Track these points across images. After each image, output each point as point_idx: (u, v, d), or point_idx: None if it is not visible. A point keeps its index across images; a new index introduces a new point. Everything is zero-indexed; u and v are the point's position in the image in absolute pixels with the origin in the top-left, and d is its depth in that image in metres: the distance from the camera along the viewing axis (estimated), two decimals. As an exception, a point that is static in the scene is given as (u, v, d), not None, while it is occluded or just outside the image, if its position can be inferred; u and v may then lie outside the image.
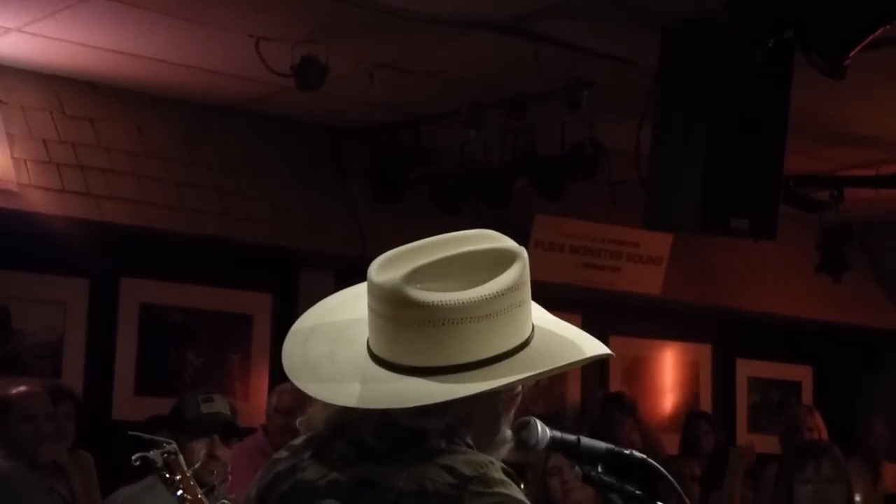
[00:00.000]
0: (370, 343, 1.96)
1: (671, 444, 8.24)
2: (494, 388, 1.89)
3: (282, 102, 7.12)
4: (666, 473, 2.01)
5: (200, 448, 4.21)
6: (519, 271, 1.93)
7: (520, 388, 2.02)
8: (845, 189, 8.23)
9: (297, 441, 2.04)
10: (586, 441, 2.05)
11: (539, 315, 2.04)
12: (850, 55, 4.77)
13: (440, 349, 1.88)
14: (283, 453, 2.05)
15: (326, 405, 1.96)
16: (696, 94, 5.70)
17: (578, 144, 6.80)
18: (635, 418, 8.00)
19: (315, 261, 7.67)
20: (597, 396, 8.49)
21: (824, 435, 7.27)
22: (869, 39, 4.73)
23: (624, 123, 6.06)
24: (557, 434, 2.03)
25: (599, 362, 9.13)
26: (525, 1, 5.36)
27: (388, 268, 1.92)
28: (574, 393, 9.02)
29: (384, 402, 1.88)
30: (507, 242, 1.97)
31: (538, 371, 1.92)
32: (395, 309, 1.89)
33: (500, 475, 1.86)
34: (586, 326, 7.90)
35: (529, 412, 2.09)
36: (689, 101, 5.75)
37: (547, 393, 8.86)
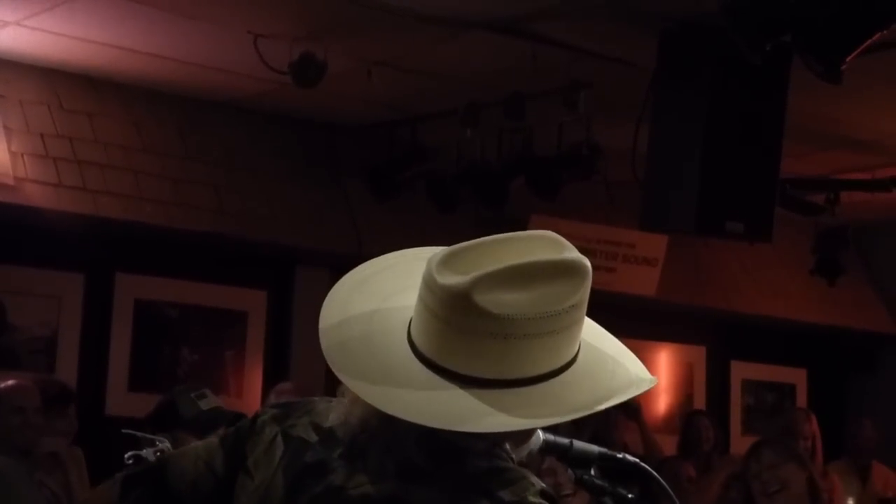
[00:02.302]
0: (416, 338, 1.85)
1: (666, 446, 8.25)
2: (565, 419, 1.82)
3: (279, 99, 7.12)
4: (658, 477, 2.00)
5: None
6: (583, 289, 1.86)
7: None
8: (841, 192, 8.25)
9: (327, 424, 1.92)
10: (579, 444, 2.05)
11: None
12: (847, 59, 4.77)
13: (497, 361, 1.80)
14: (311, 435, 1.93)
15: (358, 402, 1.84)
16: (693, 96, 5.71)
17: (575, 145, 6.80)
18: (639, 422, 7.99)
19: (311, 258, 7.67)
20: None
21: (819, 442, 7.20)
22: (866, 44, 4.74)
23: (621, 125, 6.07)
24: (550, 437, 2.02)
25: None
26: (523, 1, 5.37)
27: (451, 268, 1.81)
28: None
29: (445, 423, 1.78)
30: (573, 253, 1.88)
31: (608, 404, 1.86)
32: (457, 314, 1.79)
33: (540, 500, 1.78)
34: (581, 327, 7.66)
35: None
36: (685, 103, 5.76)
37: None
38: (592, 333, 1.98)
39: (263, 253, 7.63)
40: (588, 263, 1.88)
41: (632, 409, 7.97)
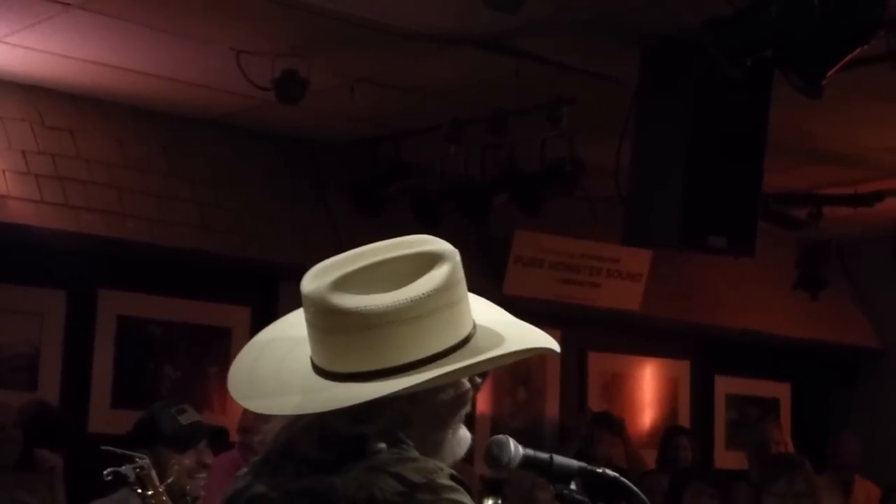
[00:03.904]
0: (312, 354, 1.98)
1: (651, 460, 8.26)
2: (418, 385, 1.87)
3: (262, 116, 7.12)
4: (637, 491, 2.01)
5: (190, 458, 4.20)
6: (447, 272, 1.92)
7: (466, 389, 2.01)
8: (823, 207, 8.27)
9: (257, 459, 2.05)
10: (559, 459, 2.06)
11: (496, 317, 2.05)
12: (828, 74, 4.80)
13: (372, 354, 1.89)
14: (243, 471, 2.07)
15: (280, 422, 1.98)
16: (676, 111, 5.73)
17: (558, 160, 6.82)
18: (623, 437, 8.00)
19: (294, 274, 7.54)
20: (585, 417, 8.48)
21: (790, 449, 7.30)
22: (846, 59, 4.76)
23: (604, 140, 6.08)
24: (530, 452, 2.04)
25: (578, 379, 9.18)
26: (506, 18, 5.38)
27: (318, 277, 1.93)
28: (552, 409, 9.02)
29: (310, 408, 1.90)
30: (438, 245, 1.96)
31: (457, 366, 1.90)
32: (324, 317, 1.91)
33: (449, 481, 1.86)
34: (565, 342, 7.96)
35: (507, 427, 2.09)
36: (668, 118, 5.78)
37: (525, 408, 8.86)
38: (503, 322, 2.04)
39: (247, 269, 7.62)
40: (454, 251, 1.96)
41: (616, 424, 7.99)
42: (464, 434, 2.03)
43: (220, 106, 7.09)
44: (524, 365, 8.71)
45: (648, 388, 9.57)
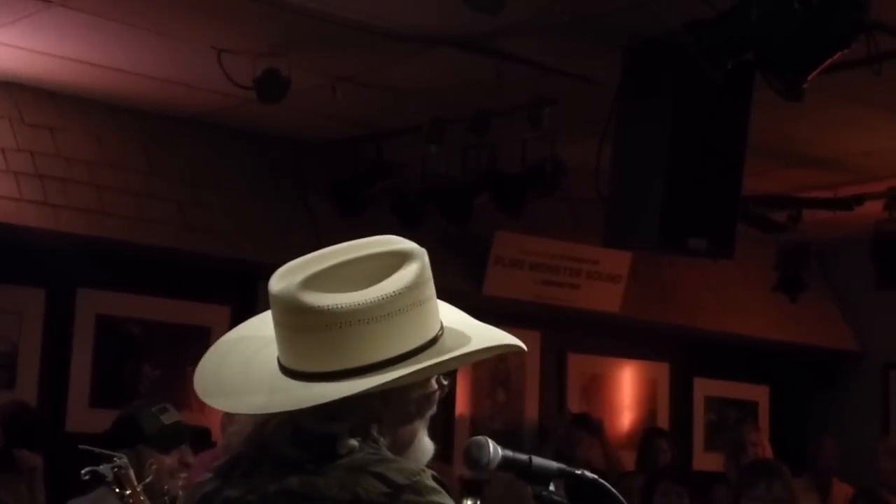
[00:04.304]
0: (279, 355, 1.97)
1: (628, 462, 8.27)
2: (390, 383, 1.88)
3: (243, 114, 7.10)
4: (616, 493, 2.01)
5: (173, 458, 4.19)
6: (416, 270, 1.93)
7: (433, 390, 2.02)
8: (803, 210, 8.30)
9: (222, 462, 2.02)
10: (538, 461, 2.06)
11: (460, 319, 2.05)
12: (809, 78, 4.81)
13: (341, 353, 1.89)
14: (207, 475, 2.03)
15: (250, 423, 1.97)
16: (657, 113, 5.73)
17: (539, 162, 6.82)
18: (601, 439, 8.02)
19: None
20: (563, 418, 8.49)
21: (768, 451, 7.33)
22: (827, 63, 4.77)
23: (585, 141, 6.09)
24: (509, 453, 2.04)
25: (558, 380, 9.18)
26: (488, 19, 5.38)
27: (286, 277, 1.93)
28: (532, 410, 9.03)
29: (276, 407, 1.90)
30: (406, 244, 1.98)
31: (428, 364, 1.91)
32: (292, 317, 1.90)
33: (433, 483, 1.86)
34: (545, 343, 7.95)
35: (486, 429, 2.10)
36: (649, 120, 5.79)
37: (504, 410, 8.87)
38: (469, 324, 2.04)
39: (227, 268, 7.60)
40: (422, 251, 1.96)
41: (594, 426, 8.00)
42: (427, 444, 2.03)
43: (200, 104, 7.07)
44: (503, 367, 8.72)
45: (628, 390, 9.59)
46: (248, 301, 7.69)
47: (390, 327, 1.89)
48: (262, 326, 2.07)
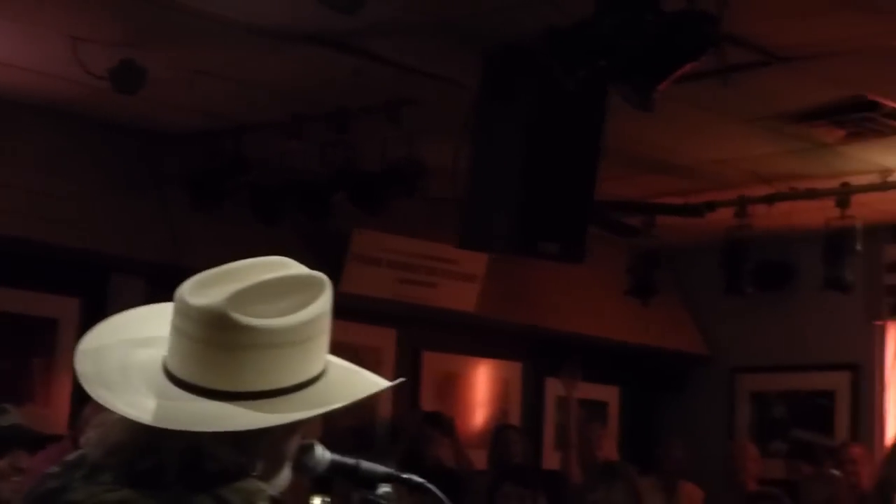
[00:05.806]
0: (169, 362, 1.92)
1: (481, 460, 8.33)
2: (302, 419, 1.90)
3: (99, 105, 6.98)
4: (442, 496, 2.04)
5: (3, 463, 4.10)
6: (329, 298, 1.95)
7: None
8: (656, 216, 8.46)
9: (71, 457, 1.98)
10: (366, 465, 2.08)
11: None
12: (659, 88, 4.90)
13: (252, 374, 1.87)
14: (55, 469, 1.99)
15: (118, 423, 1.90)
16: (514, 117, 5.79)
17: (398, 161, 6.84)
18: (452, 438, 8.06)
19: (126, 266, 7.53)
20: (415, 416, 8.50)
21: (612, 450, 7.43)
22: (678, 74, 4.87)
23: (445, 142, 6.12)
24: (337, 457, 2.06)
25: (412, 378, 9.19)
26: (350, 17, 5.38)
27: (203, 290, 1.89)
28: (385, 408, 9.04)
29: (187, 424, 1.85)
30: (311, 271, 1.99)
31: (339, 404, 1.95)
32: (213, 332, 1.86)
33: None
34: (400, 341, 7.96)
35: (338, 426, 2.12)
36: (506, 123, 5.84)
37: (357, 407, 8.83)
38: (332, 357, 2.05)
39: (77, 259, 7.46)
40: (325, 278, 1.98)
41: (446, 425, 8.04)
42: (287, 473, 2.02)
43: (55, 93, 6.93)
44: (357, 363, 8.70)
45: (481, 389, 9.67)
46: (99, 293, 7.57)
47: (302, 353, 1.90)
48: (140, 323, 2.05)
